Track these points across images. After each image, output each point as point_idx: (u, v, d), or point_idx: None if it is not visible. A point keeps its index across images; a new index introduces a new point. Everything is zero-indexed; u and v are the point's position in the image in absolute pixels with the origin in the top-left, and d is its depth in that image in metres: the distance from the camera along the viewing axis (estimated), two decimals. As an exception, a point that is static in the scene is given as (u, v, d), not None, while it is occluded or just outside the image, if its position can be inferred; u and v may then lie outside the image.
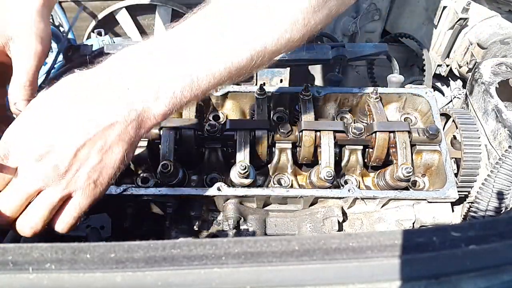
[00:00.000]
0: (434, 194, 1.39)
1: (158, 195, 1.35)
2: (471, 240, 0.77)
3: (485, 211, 1.31)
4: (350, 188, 1.38)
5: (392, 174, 1.41)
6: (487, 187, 1.33)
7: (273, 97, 1.58)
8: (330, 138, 1.41)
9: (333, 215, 1.41)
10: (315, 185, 1.44)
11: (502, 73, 1.66)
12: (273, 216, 1.50)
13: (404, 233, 0.78)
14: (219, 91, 1.56)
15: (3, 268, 0.74)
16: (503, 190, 1.30)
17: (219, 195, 1.38)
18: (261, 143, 1.43)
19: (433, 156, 1.46)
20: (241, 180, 1.38)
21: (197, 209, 1.41)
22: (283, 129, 1.43)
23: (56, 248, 0.76)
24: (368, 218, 1.48)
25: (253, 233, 1.43)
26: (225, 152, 1.46)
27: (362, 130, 1.42)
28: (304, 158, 1.46)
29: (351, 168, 1.51)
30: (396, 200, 1.42)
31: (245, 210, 1.44)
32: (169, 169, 1.33)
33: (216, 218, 1.48)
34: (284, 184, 1.52)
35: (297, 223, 1.48)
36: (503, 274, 0.75)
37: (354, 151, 1.48)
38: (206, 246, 0.77)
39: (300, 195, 1.37)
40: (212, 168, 1.51)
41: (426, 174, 1.52)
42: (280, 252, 0.76)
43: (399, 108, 1.61)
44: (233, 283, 0.74)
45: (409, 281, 0.73)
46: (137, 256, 0.76)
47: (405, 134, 1.40)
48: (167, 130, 1.40)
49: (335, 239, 0.77)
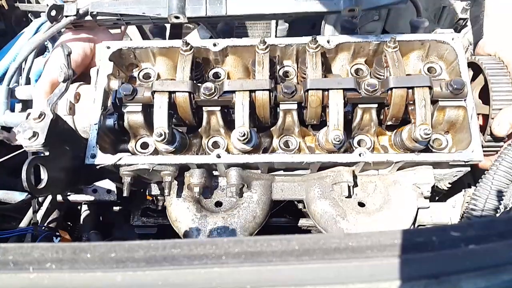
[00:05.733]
0: (456, 156, 1.28)
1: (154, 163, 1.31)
2: (470, 240, 0.78)
3: (482, 209, 1.28)
4: (361, 152, 1.29)
5: (409, 134, 1.31)
6: (485, 184, 1.30)
7: (279, 50, 1.46)
8: (339, 97, 1.28)
9: (342, 180, 1.34)
10: (324, 148, 1.37)
11: None
12: (279, 181, 1.44)
13: (403, 232, 0.79)
14: (218, 45, 1.44)
15: (4, 267, 0.75)
16: (502, 188, 1.27)
17: (220, 163, 1.32)
18: (262, 105, 1.33)
19: (457, 113, 1.33)
20: (242, 146, 1.32)
21: (198, 176, 1.36)
22: (286, 89, 1.31)
23: (57, 247, 0.78)
24: (382, 181, 1.41)
25: (257, 202, 1.38)
26: (225, 113, 1.41)
27: (376, 86, 1.29)
28: (311, 119, 1.37)
29: (365, 128, 1.42)
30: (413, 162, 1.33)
31: (249, 176, 1.39)
32: (164, 137, 1.27)
33: (219, 184, 1.44)
34: (292, 147, 1.44)
35: (304, 187, 1.43)
36: (502, 274, 0.76)
37: (367, 109, 1.36)
38: (206, 245, 0.78)
39: (305, 161, 1.30)
40: (213, 132, 1.44)
41: (449, 132, 1.41)
42: (280, 252, 0.78)
43: (422, 57, 1.47)
44: (233, 283, 0.76)
45: (408, 280, 0.75)
46: (137, 256, 0.77)
47: (426, 90, 1.26)
48: (159, 95, 1.31)
49: (335, 238, 0.78)
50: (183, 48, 1.37)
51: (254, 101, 1.33)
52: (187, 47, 1.37)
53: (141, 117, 1.36)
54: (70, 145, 1.27)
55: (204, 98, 1.32)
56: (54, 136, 1.14)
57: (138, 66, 1.52)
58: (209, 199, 1.43)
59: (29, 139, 1.10)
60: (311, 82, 1.30)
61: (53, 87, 1.41)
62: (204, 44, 1.43)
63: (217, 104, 1.35)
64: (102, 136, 1.36)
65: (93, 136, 1.32)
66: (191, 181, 1.36)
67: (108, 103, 1.41)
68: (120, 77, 1.47)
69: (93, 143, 1.31)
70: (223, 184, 1.43)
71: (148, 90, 1.33)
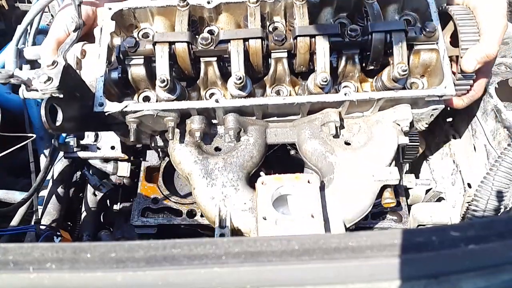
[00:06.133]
0: (430, 91, 1.40)
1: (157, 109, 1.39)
2: (470, 240, 0.78)
3: (484, 210, 1.30)
4: (346, 92, 1.41)
5: (389, 75, 1.43)
6: (486, 185, 1.33)
7: (268, 7, 1.54)
8: (325, 43, 1.40)
9: (330, 120, 1.46)
10: (313, 93, 1.46)
11: (501, 73, 1.66)
12: (273, 127, 1.56)
13: (403, 232, 0.79)
14: (211, 3, 1.51)
15: (4, 267, 0.75)
16: (502, 188, 1.29)
17: (218, 107, 1.41)
18: (255, 53, 1.43)
19: (431, 55, 1.46)
20: (238, 92, 1.42)
21: (198, 122, 1.46)
22: (277, 37, 1.41)
23: (57, 247, 0.78)
24: (366, 122, 1.53)
25: (254, 144, 1.49)
26: (221, 66, 1.50)
27: (358, 31, 1.41)
28: (300, 66, 1.48)
29: (349, 74, 1.53)
30: (393, 100, 1.45)
31: (245, 122, 1.49)
32: (166, 83, 1.36)
33: (218, 132, 1.55)
34: (282, 95, 1.53)
35: (296, 131, 1.54)
36: (502, 274, 0.76)
37: (350, 56, 1.47)
38: (206, 245, 0.78)
39: (296, 102, 1.41)
40: (210, 83, 1.53)
41: (425, 75, 1.53)
42: (280, 252, 0.78)
43: (398, 10, 1.56)
44: (233, 283, 0.76)
45: (408, 280, 0.75)
46: (137, 256, 0.77)
47: (401, 34, 1.40)
48: (160, 45, 1.40)
49: (334, 238, 0.78)
50: (180, 4, 1.47)
51: (248, 49, 1.42)
52: (184, 3, 1.47)
53: (143, 70, 1.44)
54: (80, 94, 1.34)
55: (201, 48, 1.41)
56: (66, 82, 1.22)
57: (137, 27, 1.58)
58: (209, 145, 1.53)
59: (45, 82, 1.18)
60: (300, 29, 1.40)
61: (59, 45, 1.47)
62: (199, 2, 1.50)
63: (214, 54, 1.44)
64: (108, 89, 1.43)
65: (99, 87, 1.40)
66: (192, 127, 1.45)
67: (112, 58, 1.48)
68: (121, 36, 1.54)
69: (100, 93, 1.39)
70: (221, 131, 1.53)
71: (150, 42, 1.42)
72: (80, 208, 1.92)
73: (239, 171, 1.44)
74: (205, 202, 1.39)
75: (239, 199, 1.38)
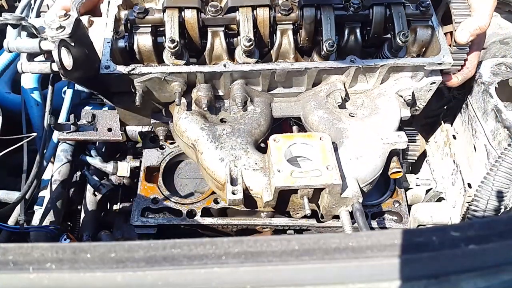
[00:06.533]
0: (430, 59, 1.48)
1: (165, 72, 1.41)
2: (470, 240, 0.78)
3: (484, 210, 1.31)
4: (352, 58, 1.46)
5: (390, 45, 1.50)
6: (486, 185, 1.34)
7: None
8: (330, 12, 1.45)
9: (336, 88, 1.49)
10: None
11: (501, 73, 1.66)
12: (278, 101, 1.59)
13: (403, 232, 0.79)
14: None
15: (4, 267, 0.75)
16: (503, 188, 1.30)
17: (226, 72, 1.43)
18: (263, 22, 1.46)
19: (426, 32, 1.53)
20: (245, 59, 1.45)
21: (205, 89, 1.47)
22: (284, 7, 1.45)
23: (57, 247, 0.78)
24: (368, 96, 1.57)
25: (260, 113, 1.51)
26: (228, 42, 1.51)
27: (359, 3, 1.47)
28: (305, 39, 1.51)
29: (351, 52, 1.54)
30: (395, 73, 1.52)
31: (251, 92, 1.52)
32: (176, 45, 1.38)
33: (223, 105, 1.56)
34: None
35: (301, 104, 1.57)
36: (502, 274, 0.76)
37: (353, 29, 1.51)
38: (206, 245, 0.78)
39: (304, 67, 1.45)
40: (216, 57, 1.53)
41: (421, 54, 1.60)
42: (280, 252, 0.78)
43: None
44: (233, 283, 0.76)
45: (408, 280, 0.75)
46: (137, 256, 0.77)
47: (400, 6, 1.48)
48: (170, 11, 1.42)
49: (335, 238, 0.78)
50: None
51: (256, 18, 1.45)
52: None
53: (149, 39, 1.45)
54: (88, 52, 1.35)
55: (210, 16, 1.44)
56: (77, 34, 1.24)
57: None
58: (215, 116, 1.54)
59: (57, 29, 1.20)
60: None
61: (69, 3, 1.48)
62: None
63: (222, 23, 1.47)
64: (114, 59, 1.44)
65: (106, 51, 1.43)
66: (198, 95, 1.47)
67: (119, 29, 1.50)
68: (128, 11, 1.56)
69: (106, 57, 1.41)
70: (227, 105, 1.55)
71: (159, 12, 1.45)
72: (80, 208, 1.92)
73: (248, 136, 1.45)
74: (214, 165, 1.38)
75: (250, 159, 1.37)
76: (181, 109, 1.51)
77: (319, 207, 1.41)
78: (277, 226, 1.66)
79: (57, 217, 1.79)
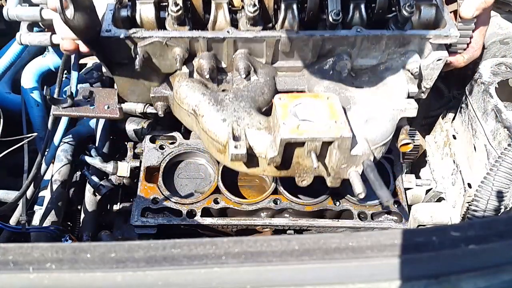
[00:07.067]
0: (437, 32, 1.45)
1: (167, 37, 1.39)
2: (470, 240, 0.78)
3: (484, 210, 1.31)
4: (358, 28, 1.44)
5: (396, 20, 1.46)
6: (486, 185, 1.34)
7: None
8: None
9: (341, 59, 1.47)
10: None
11: (501, 73, 1.66)
12: (281, 76, 1.55)
13: (403, 232, 0.79)
14: None
15: (4, 267, 0.75)
16: (503, 188, 1.30)
17: (229, 37, 1.40)
18: None
19: (430, 10, 1.50)
20: (249, 28, 1.42)
21: (208, 57, 1.44)
22: None
23: (57, 247, 0.78)
24: (374, 72, 1.54)
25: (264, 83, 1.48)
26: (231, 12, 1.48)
27: None
28: (310, 11, 1.47)
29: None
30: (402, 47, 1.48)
31: (255, 63, 1.48)
32: (180, 8, 1.35)
33: (225, 78, 1.53)
34: None
35: (306, 78, 1.54)
36: (502, 274, 0.76)
37: (357, 5, 1.49)
38: (206, 245, 0.78)
39: (310, 34, 1.42)
40: (220, 29, 1.49)
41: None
42: (280, 252, 0.78)
43: None
44: (233, 283, 0.76)
45: (408, 280, 0.75)
46: (137, 256, 0.77)
47: None
48: None
49: (335, 238, 0.78)
50: None
51: None
52: None
53: (152, 10, 1.42)
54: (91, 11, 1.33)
55: None
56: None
57: None
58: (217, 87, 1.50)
59: None
60: None
61: None
62: None
63: None
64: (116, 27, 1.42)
65: (108, 17, 1.40)
66: (201, 62, 1.43)
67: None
68: None
69: (108, 22, 1.39)
70: (229, 78, 1.51)
71: None
72: (80, 208, 1.92)
73: (251, 101, 1.40)
74: (215, 126, 1.35)
75: (254, 120, 1.34)
76: (182, 78, 1.48)
77: (327, 169, 1.36)
78: (277, 226, 1.67)
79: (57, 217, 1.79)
